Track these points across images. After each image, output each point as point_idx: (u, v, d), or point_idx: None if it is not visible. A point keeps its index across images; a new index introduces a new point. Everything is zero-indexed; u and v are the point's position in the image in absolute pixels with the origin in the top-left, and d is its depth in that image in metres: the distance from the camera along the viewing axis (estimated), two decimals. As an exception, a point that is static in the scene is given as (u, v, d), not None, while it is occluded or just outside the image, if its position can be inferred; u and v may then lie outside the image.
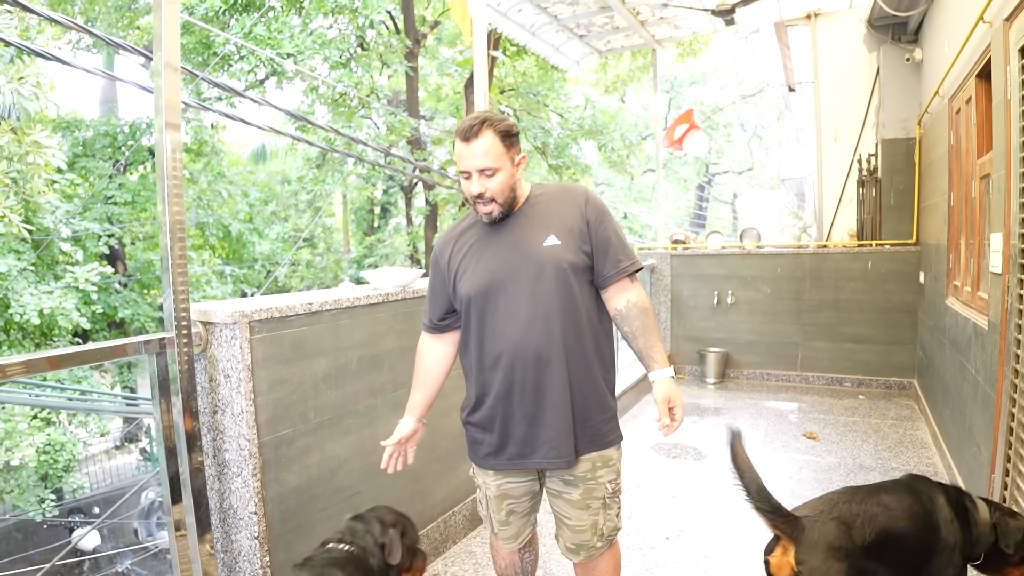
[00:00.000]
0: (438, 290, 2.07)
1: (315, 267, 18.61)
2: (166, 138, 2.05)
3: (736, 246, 7.14)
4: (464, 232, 2.04)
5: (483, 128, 1.83)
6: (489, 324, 1.94)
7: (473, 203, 1.92)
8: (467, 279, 1.96)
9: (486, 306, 1.93)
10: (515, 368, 1.90)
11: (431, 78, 15.04)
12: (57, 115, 12.09)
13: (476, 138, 1.83)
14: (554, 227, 1.92)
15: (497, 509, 2.10)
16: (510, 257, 1.92)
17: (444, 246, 2.06)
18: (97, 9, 12.14)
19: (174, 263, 2.05)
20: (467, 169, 1.86)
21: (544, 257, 1.89)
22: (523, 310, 1.90)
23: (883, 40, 6.42)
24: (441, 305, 2.07)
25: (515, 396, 1.93)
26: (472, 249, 1.98)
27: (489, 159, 1.84)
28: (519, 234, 1.94)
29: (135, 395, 12.57)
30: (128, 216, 12.07)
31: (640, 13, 6.70)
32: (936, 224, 5.09)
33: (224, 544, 2.32)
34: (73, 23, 3.52)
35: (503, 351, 1.91)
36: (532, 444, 1.94)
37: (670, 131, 7.77)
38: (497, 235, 1.96)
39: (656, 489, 4.00)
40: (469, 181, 1.88)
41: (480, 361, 1.98)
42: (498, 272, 1.92)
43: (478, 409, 2.03)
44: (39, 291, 9.68)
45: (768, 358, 6.70)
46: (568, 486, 2.00)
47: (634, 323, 1.95)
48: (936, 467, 4.19)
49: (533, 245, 1.91)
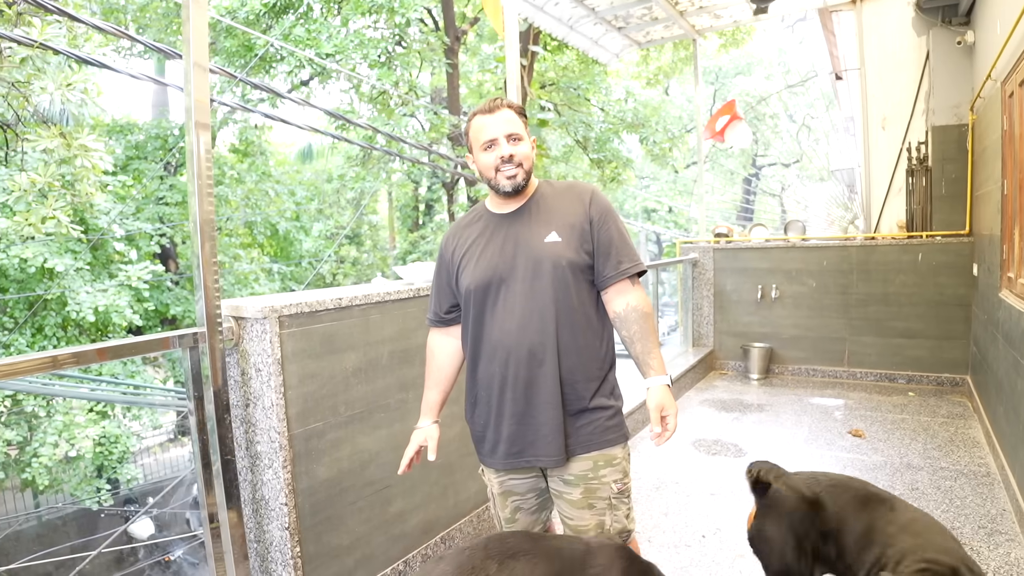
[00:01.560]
0: (443, 283, 2.08)
1: (361, 264, 18.86)
2: (196, 137, 2.09)
3: (780, 239, 6.99)
4: (469, 225, 2.05)
5: (503, 103, 1.92)
6: (486, 319, 1.93)
7: (496, 171, 1.91)
8: (468, 272, 1.96)
9: (485, 300, 1.93)
10: (508, 364, 1.90)
11: (472, 75, 15.09)
12: (112, 120, 12.53)
13: (500, 110, 1.90)
14: (556, 224, 1.92)
15: (502, 506, 2.10)
16: (511, 252, 1.92)
17: (449, 239, 2.08)
18: (148, 16, 12.50)
19: (205, 260, 2.09)
20: (494, 136, 1.89)
21: (543, 253, 1.89)
22: (520, 306, 1.89)
23: (932, 23, 6.19)
24: (447, 298, 2.08)
25: (507, 393, 1.92)
26: (475, 242, 1.99)
27: (515, 126, 1.90)
28: (521, 229, 1.94)
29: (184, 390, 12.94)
30: (178, 216, 12.40)
31: (679, 3, 6.60)
32: (989, 214, 4.89)
33: (256, 534, 2.36)
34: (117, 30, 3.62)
35: (497, 347, 1.91)
36: (521, 442, 1.93)
37: (712, 123, 7.63)
38: (501, 229, 1.96)
39: (694, 486, 3.94)
40: (492, 150, 1.90)
41: (476, 356, 1.98)
42: (499, 267, 1.91)
43: (475, 406, 2.03)
44: (94, 289, 10.03)
45: (814, 353, 6.54)
46: (568, 486, 1.96)
47: (632, 327, 1.92)
48: (988, 467, 4.04)
49: (534, 241, 1.91)
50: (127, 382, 10.01)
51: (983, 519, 3.35)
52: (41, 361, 1.87)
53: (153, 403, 11.21)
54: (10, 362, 1.82)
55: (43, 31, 4.20)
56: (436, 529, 2.93)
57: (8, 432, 9.23)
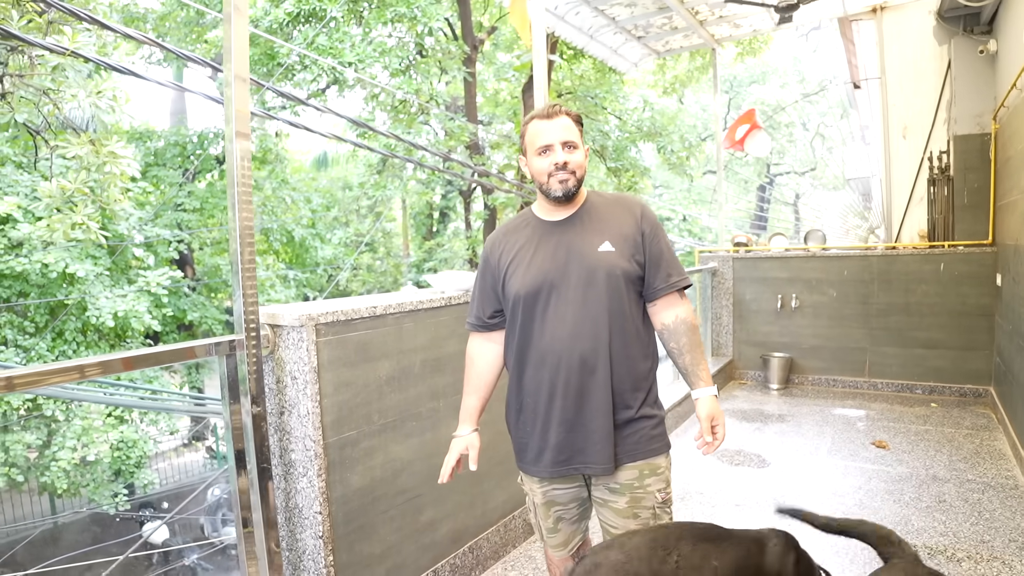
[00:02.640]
0: (487, 288, 2.06)
1: (375, 271, 18.93)
2: (236, 147, 2.11)
3: (800, 248, 6.96)
4: (516, 231, 2.04)
5: (561, 110, 1.93)
6: (536, 325, 1.93)
7: (549, 177, 1.91)
8: (517, 278, 1.95)
9: (535, 307, 1.93)
10: (559, 371, 1.90)
11: (488, 83, 15.14)
12: (131, 127, 12.66)
13: (558, 116, 1.91)
14: (609, 234, 1.93)
15: (544, 516, 2.09)
16: (563, 259, 1.92)
17: (495, 244, 2.06)
18: (167, 25, 12.63)
19: (243, 267, 2.11)
20: (550, 142, 1.89)
21: (598, 262, 1.90)
22: (572, 313, 1.89)
23: (954, 32, 6.17)
24: (490, 303, 2.06)
25: (556, 400, 1.91)
26: (524, 248, 1.98)
27: (571, 133, 1.91)
28: (573, 237, 1.94)
29: (203, 395, 13.00)
30: (197, 222, 12.50)
31: (699, 13, 6.61)
32: (1014, 223, 4.85)
33: (289, 543, 2.37)
34: (148, 39, 3.67)
35: (548, 354, 1.91)
36: (569, 449, 1.93)
37: (731, 132, 7.63)
38: (551, 236, 1.97)
39: (719, 497, 3.93)
40: (547, 156, 1.90)
41: (523, 363, 1.98)
42: (550, 273, 1.91)
43: (520, 413, 2.02)
44: (114, 295, 10.12)
45: (834, 363, 6.51)
46: (614, 494, 1.97)
47: (681, 339, 1.96)
48: (1016, 479, 4.00)
49: (587, 249, 1.91)
50: (145, 387, 10.07)
51: (1014, 532, 3.31)
52: (66, 370, 1.85)
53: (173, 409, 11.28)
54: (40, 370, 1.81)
55: (74, 39, 4.26)
56: (465, 538, 2.93)
57: (28, 435, 9.31)
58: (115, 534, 10.43)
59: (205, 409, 11.42)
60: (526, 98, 11.75)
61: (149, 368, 10.17)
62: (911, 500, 3.77)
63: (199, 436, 14.31)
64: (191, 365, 12.48)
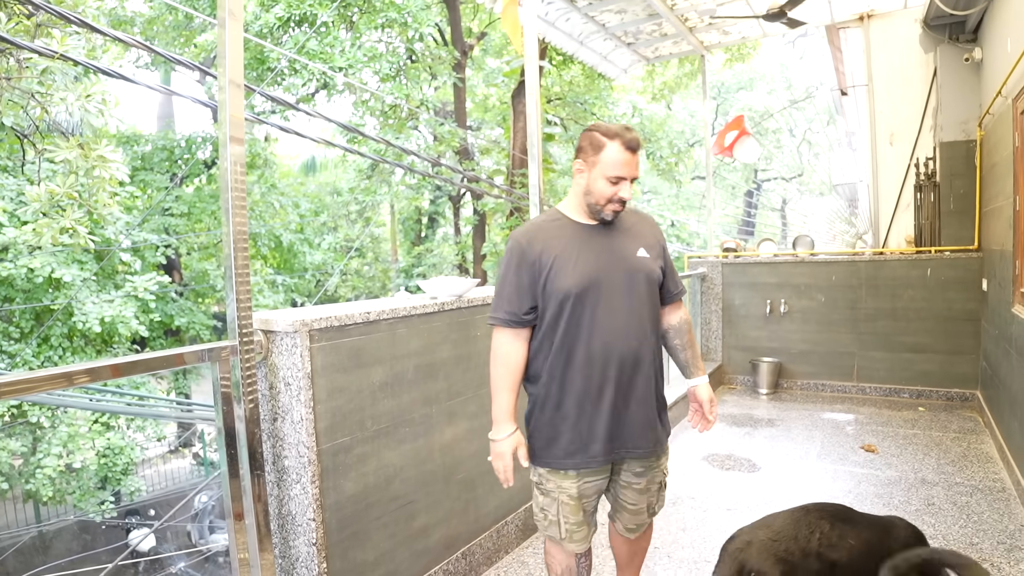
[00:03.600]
0: (524, 284, 2.07)
1: (364, 276, 18.88)
2: (229, 151, 2.10)
3: (789, 254, 7.01)
4: (551, 230, 2.11)
5: (640, 144, 2.07)
6: (585, 322, 2.03)
7: (608, 203, 2.04)
8: (565, 276, 2.03)
9: (584, 304, 2.03)
10: (610, 366, 2.04)
11: (478, 89, 15.16)
12: (118, 130, 12.58)
13: (638, 151, 2.05)
14: (643, 241, 2.14)
15: (574, 511, 2.14)
16: (608, 260, 2.07)
17: (531, 240, 2.09)
18: (155, 29, 12.58)
19: (237, 272, 2.10)
20: (625, 176, 2.02)
21: (638, 266, 2.10)
22: (620, 311, 2.05)
23: (940, 40, 6.24)
24: (527, 299, 2.08)
25: (607, 394, 2.05)
26: (567, 247, 2.06)
27: (638, 170, 2.08)
28: (613, 241, 2.11)
29: (191, 401, 12.91)
30: (184, 227, 12.44)
31: (688, 20, 6.65)
32: (1000, 229, 4.91)
33: (282, 550, 2.36)
34: (138, 42, 3.65)
35: (599, 349, 2.03)
36: (619, 439, 2.10)
37: (720, 138, 7.67)
38: (592, 238, 2.10)
39: (710, 502, 3.94)
40: (616, 186, 2.02)
41: (569, 358, 2.05)
42: (598, 272, 2.04)
43: (559, 408, 2.09)
44: (100, 300, 10.04)
45: (823, 368, 6.55)
46: (638, 476, 2.19)
47: (685, 337, 2.28)
48: (1003, 482, 4.04)
49: (628, 253, 2.10)
50: (132, 393, 9.99)
51: (1002, 535, 3.34)
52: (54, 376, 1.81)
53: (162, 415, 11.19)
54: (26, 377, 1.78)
55: (63, 42, 4.23)
56: (458, 544, 2.92)
57: (13, 442, 9.21)
58: (102, 542, 10.33)
59: (193, 415, 11.35)
60: (516, 103, 11.77)
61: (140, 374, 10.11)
62: (900, 503, 3.80)
63: (186, 443, 14.19)
64: (178, 371, 12.40)
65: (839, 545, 2.03)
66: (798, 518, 2.11)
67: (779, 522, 2.12)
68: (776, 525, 2.10)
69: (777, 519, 2.15)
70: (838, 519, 2.11)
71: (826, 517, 2.10)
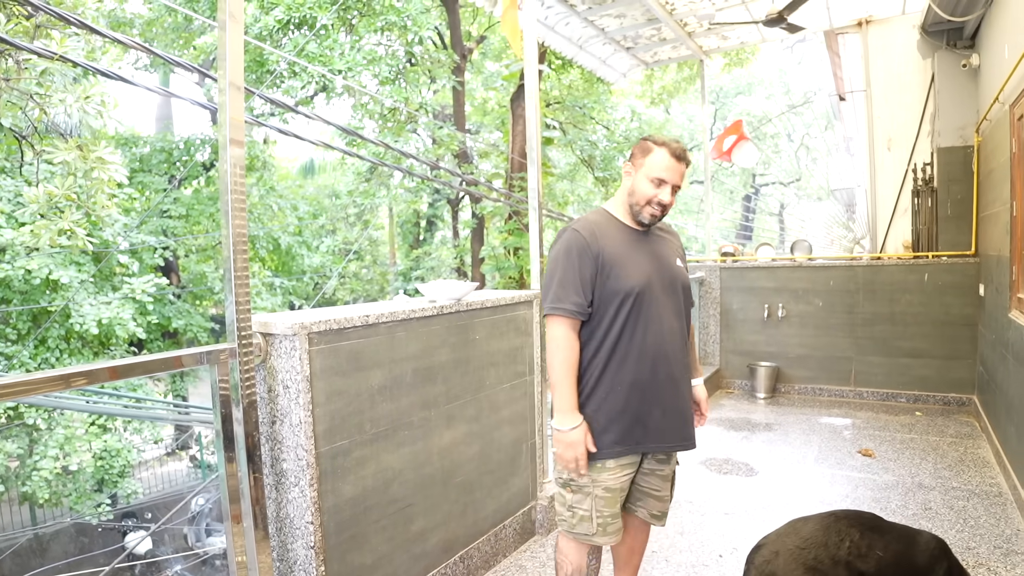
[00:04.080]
0: (587, 276, 2.16)
1: (362, 279, 18.87)
2: (229, 154, 2.10)
3: (787, 258, 7.02)
4: (605, 227, 2.24)
5: (688, 156, 2.21)
6: (642, 319, 2.17)
7: (648, 204, 2.19)
8: (625, 275, 2.16)
9: (643, 302, 2.17)
10: (659, 360, 2.18)
11: (477, 92, 15.18)
12: (116, 132, 12.57)
13: (685, 161, 2.19)
14: (677, 254, 2.34)
15: (611, 503, 2.22)
16: (657, 265, 2.24)
17: (591, 237, 2.18)
18: (154, 30, 12.58)
19: (237, 275, 2.10)
20: (668, 179, 2.16)
21: (678, 275, 2.29)
22: (668, 313, 2.22)
23: (938, 46, 6.27)
24: (589, 291, 2.17)
25: (657, 387, 2.19)
26: (623, 247, 2.21)
27: (682, 180, 2.21)
28: (658, 249, 2.29)
29: (188, 404, 12.88)
30: (182, 229, 12.43)
31: (688, 24, 6.66)
32: (997, 235, 4.93)
33: (280, 553, 2.36)
34: (138, 44, 3.65)
35: (652, 345, 2.17)
36: (668, 429, 2.24)
37: (719, 142, 7.69)
38: (641, 243, 2.26)
39: (708, 506, 3.94)
40: (659, 188, 2.17)
41: (626, 353, 2.17)
42: (652, 275, 2.20)
43: (611, 399, 2.18)
44: (98, 302, 10.02)
45: (820, 372, 6.56)
46: (662, 464, 2.33)
47: (691, 341, 2.43)
48: (1000, 487, 4.04)
49: (670, 261, 2.29)
50: (129, 395, 9.96)
51: (998, 539, 3.35)
52: (51, 379, 1.82)
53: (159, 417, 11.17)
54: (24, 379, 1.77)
55: (62, 43, 4.23)
56: (456, 548, 2.92)
57: (9, 444, 9.18)
58: (98, 545, 10.30)
59: (190, 418, 11.32)
60: (515, 107, 11.78)
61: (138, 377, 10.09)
62: (898, 508, 3.80)
63: (183, 445, 14.16)
64: (176, 373, 12.38)
65: (868, 556, 2.01)
66: (828, 525, 2.08)
67: (808, 529, 2.09)
68: (804, 532, 2.07)
69: (806, 525, 2.11)
70: (868, 528, 2.08)
71: (856, 525, 2.07)
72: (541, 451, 3.61)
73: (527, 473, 3.48)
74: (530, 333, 3.48)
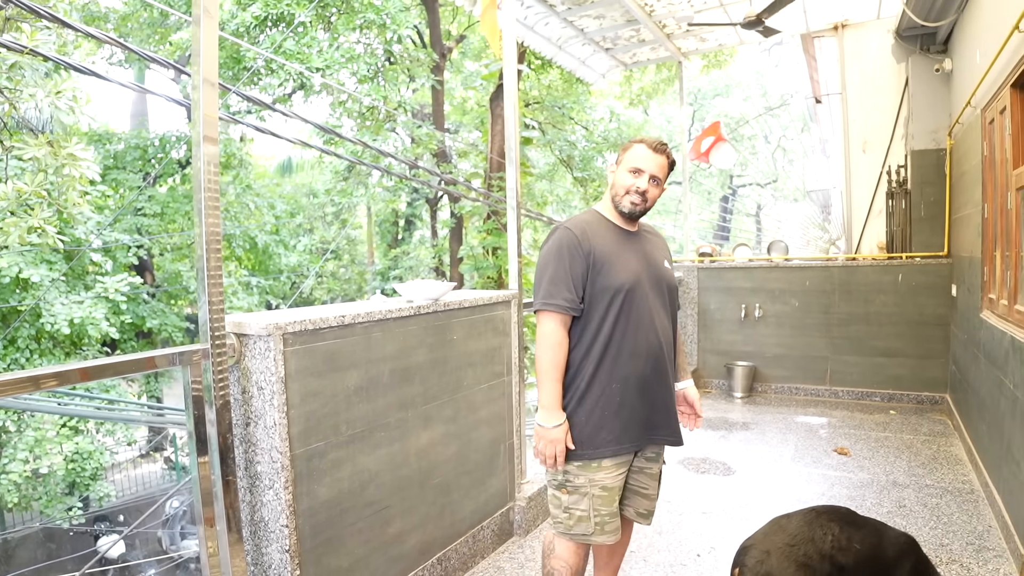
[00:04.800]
0: (578, 273, 2.20)
1: (340, 279, 18.75)
2: (203, 151, 2.06)
3: (764, 259, 7.08)
4: (595, 225, 2.28)
5: (666, 152, 2.25)
6: (632, 317, 2.20)
7: (626, 193, 2.23)
8: (615, 272, 2.19)
9: (633, 298, 2.20)
10: (649, 358, 2.22)
11: (456, 91, 15.14)
12: (90, 128, 12.37)
13: (662, 154, 2.23)
14: (664, 256, 2.39)
15: (609, 502, 2.24)
16: (644, 265, 2.27)
17: (582, 235, 2.22)
18: (129, 25, 12.40)
19: (210, 274, 2.06)
20: (644, 168, 2.21)
21: (665, 275, 2.33)
22: (656, 311, 2.26)
23: (912, 50, 6.36)
24: (580, 287, 2.20)
25: (648, 383, 2.23)
26: (612, 246, 2.24)
27: (662, 173, 2.25)
28: (646, 249, 2.33)
29: (163, 405, 12.71)
30: (157, 228, 12.25)
31: (667, 26, 6.69)
32: (969, 236, 5.00)
33: (254, 557, 2.32)
34: (111, 39, 3.59)
35: (643, 342, 2.21)
36: (657, 424, 2.28)
37: (697, 143, 7.73)
38: (630, 242, 2.30)
39: (686, 505, 3.95)
40: (635, 177, 2.22)
41: (618, 350, 2.20)
42: (641, 274, 2.24)
43: (601, 397, 2.20)
44: (70, 301, 9.84)
45: (797, 372, 6.62)
46: (651, 462, 2.37)
47: (679, 343, 2.49)
48: (972, 483, 4.10)
49: (657, 262, 2.33)
50: (101, 396, 9.80)
51: (971, 536, 3.39)
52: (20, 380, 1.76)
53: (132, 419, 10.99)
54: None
55: (32, 37, 4.14)
56: (433, 550, 2.90)
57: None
58: (69, 549, 10.12)
59: (164, 419, 11.17)
60: (494, 107, 11.76)
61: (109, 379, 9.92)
62: (873, 506, 3.84)
63: (158, 447, 13.97)
64: (149, 374, 12.20)
65: (848, 549, 2.06)
66: (811, 520, 2.12)
67: (793, 525, 2.12)
68: (791, 529, 2.11)
69: (790, 523, 2.15)
70: (846, 522, 2.13)
71: (835, 520, 2.12)
72: (519, 452, 3.60)
73: (505, 474, 3.47)
74: (508, 333, 3.47)
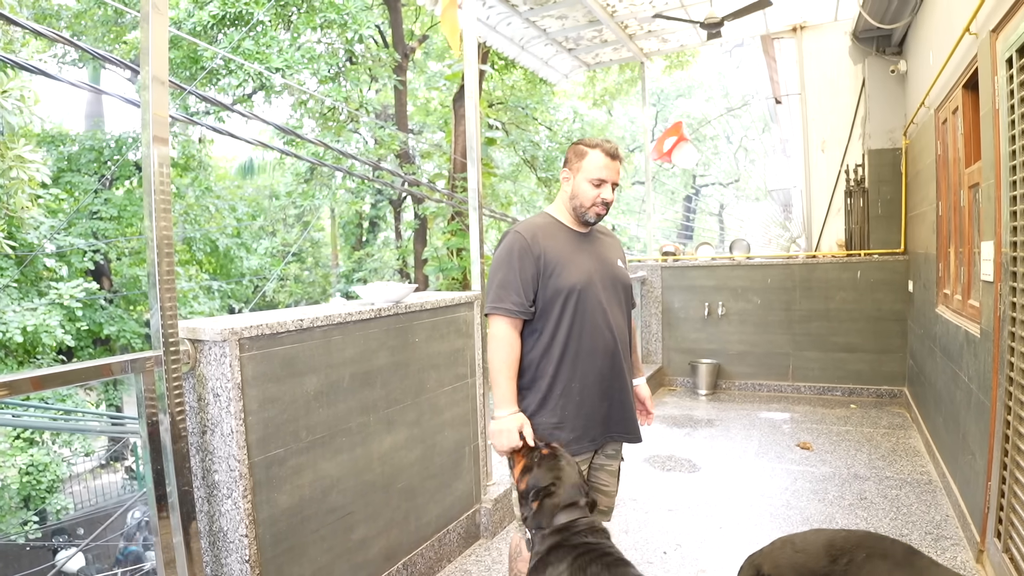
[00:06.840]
0: (528, 277, 2.22)
1: (303, 282, 18.52)
2: (154, 152, 2.01)
3: (726, 257, 7.15)
4: (547, 232, 2.29)
5: (620, 155, 2.29)
6: (588, 316, 2.23)
7: (591, 205, 2.26)
8: (567, 274, 2.22)
9: (587, 298, 2.23)
10: (606, 356, 2.25)
11: (419, 92, 15.05)
12: (42, 129, 12.02)
13: (619, 160, 2.27)
14: (618, 256, 2.44)
15: None
16: (598, 265, 2.31)
17: (533, 239, 2.25)
18: (83, 23, 12.08)
19: (162, 279, 2.01)
20: (607, 179, 2.24)
21: (619, 275, 2.37)
22: (611, 311, 2.29)
23: (868, 52, 6.48)
24: (531, 291, 2.23)
25: (606, 381, 2.27)
26: (564, 249, 2.27)
27: (619, 176, 2.29)
28: (599, 250, 2.36)
29: (121, 414, 12.40)
30: (114, 231, 11.95)
31: (628, 27, 6.73)
32: (924, 233, 5.12)
33: (214, 568, 2.26)
34: (60, 36, 3.48)
35: (597, 342, 2.24)
36: (618, 421, 2.32)
37: (659, 144, 7.79)
38: (583, 244, 2.33)
39: (652, 503, 3.97)
40: (599, 188, 2.25)
41: (576, 349, 2.23)
42: (593, 274, 2.27)
43: (562, 396, 2.24)
44: (22, 308, 9.55)
45: (760, 368, 6.70)
46: (610, 459, 2.40)
47: (633, 341, 2.50)
48: (930, 474, 4.19)
49: (611, 261, 2.37)
50: (57, 406, 9.53)
51: (929, 525, 3.46)
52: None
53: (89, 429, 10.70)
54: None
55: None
56: (398, 555, 2.86)
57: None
58: (25, 565, 9.80)
59: (123, 429, 10.90)
60: (457, 107, 11.71)
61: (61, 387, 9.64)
62: (835, 499, 3.90)
63: (117, 456, 13.63)
64: (108, 382, 11.91)
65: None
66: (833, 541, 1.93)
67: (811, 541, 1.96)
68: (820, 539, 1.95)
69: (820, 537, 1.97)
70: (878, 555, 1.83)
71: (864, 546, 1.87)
72: (485, 454, 3.57)
73: (470, 476, 3.44)
74: (471, 335, 3.44)
